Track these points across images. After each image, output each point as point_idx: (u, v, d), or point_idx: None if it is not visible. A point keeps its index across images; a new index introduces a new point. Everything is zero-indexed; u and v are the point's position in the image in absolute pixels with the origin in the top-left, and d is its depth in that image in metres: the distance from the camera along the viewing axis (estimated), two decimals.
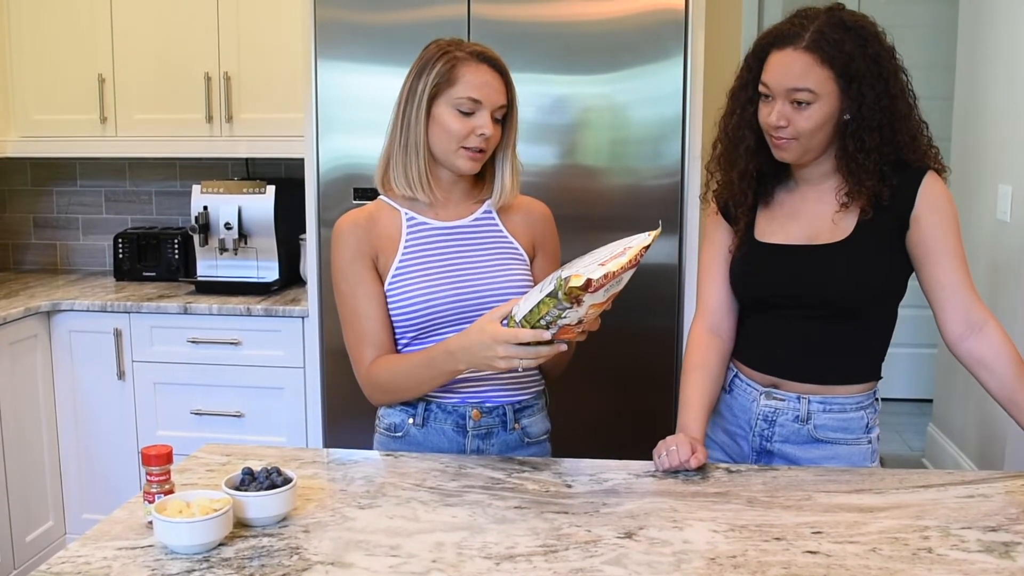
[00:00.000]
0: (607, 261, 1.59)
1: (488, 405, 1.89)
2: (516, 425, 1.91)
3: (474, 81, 1.81)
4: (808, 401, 1.86)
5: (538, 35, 2.85)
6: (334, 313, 3.06)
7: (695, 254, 2.87)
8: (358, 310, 1.88)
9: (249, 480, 1.53)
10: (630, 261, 1.59)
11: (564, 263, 1.73)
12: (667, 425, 1.94)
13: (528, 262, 1.95)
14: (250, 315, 3.24)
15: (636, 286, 1.70)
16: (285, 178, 3.66)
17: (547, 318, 1.62)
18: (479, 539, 1.47)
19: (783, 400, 1.88)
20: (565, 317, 1.61)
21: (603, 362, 2.68)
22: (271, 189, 3.44)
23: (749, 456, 1.92)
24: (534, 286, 1.82)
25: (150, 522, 1.48)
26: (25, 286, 3.64)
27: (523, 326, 1.67)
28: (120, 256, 3.73)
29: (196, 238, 3.47)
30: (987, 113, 3.72)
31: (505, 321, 1.67)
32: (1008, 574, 1.35)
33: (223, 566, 1.38)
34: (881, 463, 1.92)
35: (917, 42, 4.85)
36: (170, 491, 1.52)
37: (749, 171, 1.86)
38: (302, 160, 3.07)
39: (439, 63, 1.82)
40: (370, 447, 1.97)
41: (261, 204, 3.44)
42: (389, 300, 1.88)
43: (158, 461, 1.51)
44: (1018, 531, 1.49)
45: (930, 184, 1.78)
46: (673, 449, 1.74)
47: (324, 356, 3.09)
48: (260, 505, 1.50)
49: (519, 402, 1.92)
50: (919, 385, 5.19)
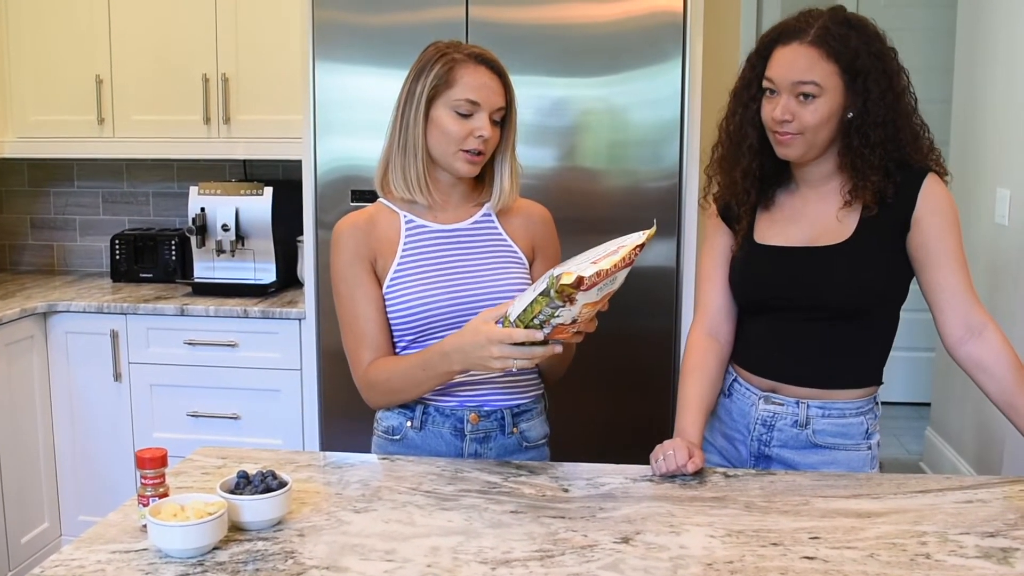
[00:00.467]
0: (600, 259, 1.58)
1: (486, 409, 1.89)
2: (514, 429, 1.91)
3: (472, 83, 1.81)
4: (807, 406, 1.85)
5: (536, 37, 2.85)
6: (331, 315, 3.07)
7: (693, 257, 2.87)
8: (356, 312, 1.88)
9: (244, 483, 1.52)
10: (623, 259, 1.59)
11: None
12: (665, 429, 1.93)
13: (527, 265, 1.95)
14: (247, 317, 3.23)
15: (634, 289, 1.69)
16: (283, 180, 3.66)
17: (540, 317, 1.61)
18: (475, 544, 1.46)
19: (782, 404, 1.87)
20: (559, 316, 1.60)
21: (600, 365, 2.67)
22: (268, 191, 3.43)
23: (747, 461, 1.92)
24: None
25: (144, 525, 1.47)
26: (22, 287, 3.64)
27: (517, 326, 1.66)
28: (117, 257, 3.72)
29: (193, 240, 3.47)
30: (986, 116, 3.72)
31: (500, 322, 1.66)
32: None
33: (217, 570, 1.37)
34: (880, 467, 1.91)
35: (916, 45, 4.85)
36: (164, 494, 1.51)
37: (752, 169, 1.85)
38: (300, 162, 3.06)
39: (437, 65, 1.82)
40: (367, 450, 1.97)
41: (258, 206, 3.43)
42: (387, 303, 1.87)
43: (152, 464, 1.50)
44: (1016, 537, 1.49)
45: (931, 186, 1.78)
46: (670, 453, 1.73)
47: (321, 358, 3.09)
48: (255, 509, 1.49)
49: (517, 406, 1.92)
50: (917, 389, 5.18)
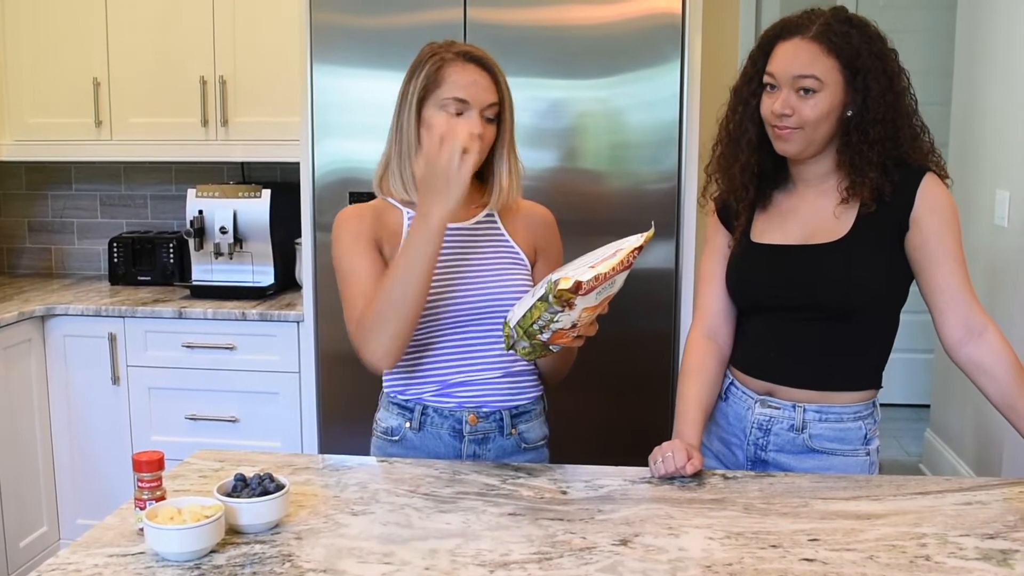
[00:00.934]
0: (597, 263, 1.58)
1: (485, 410, 1.88)
2: (513, 430, 1.90)
3: (460, 81, 1.80)
4: (804, 410, 1.84)
5: (534, 39, 2.85)
6: (329, 318, 3.08)
7: (692, 259, 2.86)
8: (355, 272, 1.81)
9: (241, 486, 1.52)
10: (621, 263, 1.58)
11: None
12: (663, 431, 1.93)
13: (529, 267, 1.94)
14: (245, 320, 3.23)
15: (633, 291, 1.69)
16: (281, 182, 3.66)
17: (540, 322, 1.61)
18: (473, 546, 1.45)
19: (778, 408, 1.86)
20: (558, 321, 1.60)
21: (600, 367, 2.67)
22: (267, 193, 3.43)
23: (744, 465, 1.91)
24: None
25: (141, 529, 1.46)
26: (19, 290, 3.63)
27: (517, 332, 1.66)
28: (115, 260, 3.72)
29: (191, 242, 3.47)
30: (985, 118, 3.72)
31: (501, 327, 1.66)
32: None
33: (214, 573, 1.37)
34: (879, 469, 1.91)
35: (915, 47, 4.84)
36: (161, 497, 1.51)
37: (750, 164, 1.85)
38: (298, 164, 3.06)
39: (427, 65, 1.82)
40: (365, 452, 1.96)
41: (256, 208, 3.43)
42: None
43: (149, 467, 1.50)
44: (1016, 538, 1.48)
45: (930, 185, 1.77)
46: (669, 455, 1.73)
47: (319, 361, 3.08)
48: (252, 512, 1.48)
49: (516, 407, 1.91)
50: (916, 390, 5.18)
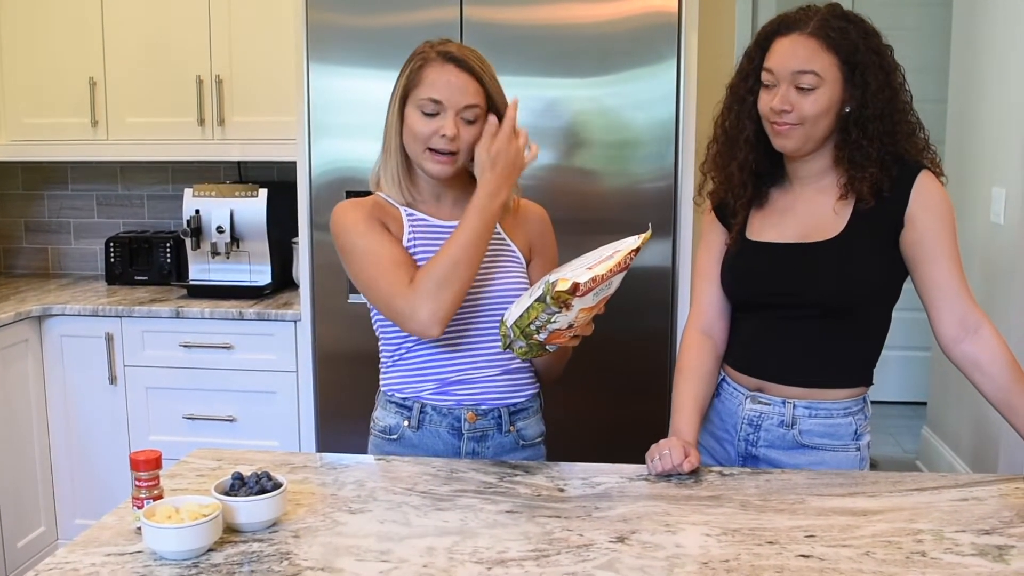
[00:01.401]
0: (595, 265, 1.58)
1: (483, 408, 1.88)
2: (511, 428, 1.91)
3: (436, 82, 1.79)
4: (793, 406, 1.84)
5: (531, 38, 2.85)
6: (327, 317, 3.08)
7: (689, 257, 2.87)
8: (379, 250, 1.80)
9: (239, 485, 1.52)
10: (618, 264, 1.59)
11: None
12: (660, 428, 1.93)
13: (525, 265, 1.94)
14: (242, 319, 3.23)
15: (630, 289, 1.70)
16: (277, 181, 3.65)
17: (537, 323, 1.61)
18: (470, 544, 1.46)
19: (768, 404, 1.87)
20: (555, 322, 1.61)
21: (596, 365, 2.67)
22: (263, 192, 3.43)
23: (735, 461, 1.91)
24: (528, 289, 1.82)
25: (139, 528, 1.47)
26: (16, 290, 3.63)
27: (514, 332, 1.66)
28: (112, 260, 3.72)
29: (188, 242, 3.47)
30: (981, 116, 3.72)
31: (498, 325, 1.66)
32: None
33: (212, 572, 1.37)
34: (875, 466, 1.91)
35: (911, 45, 4.82)
36: (159, 496, 1.51)
37: (748, 162, 1.85)
38: (294, 163, 3.06)
39: (410, 64, 1.83)
40: (363, 451, 1.96)
41: (253, 207, 3.43)
42: None
43: (147, 466, 1.50)
44: (1012, 534, 1.49)
45: (925, 182, 1.77)
46: (666, 453, 1.73)
47: (317, 360, 3.08)
48: (250, 510, 1.49)
49: (514, 405, 1.92)
50: (913, 388, 5.19)
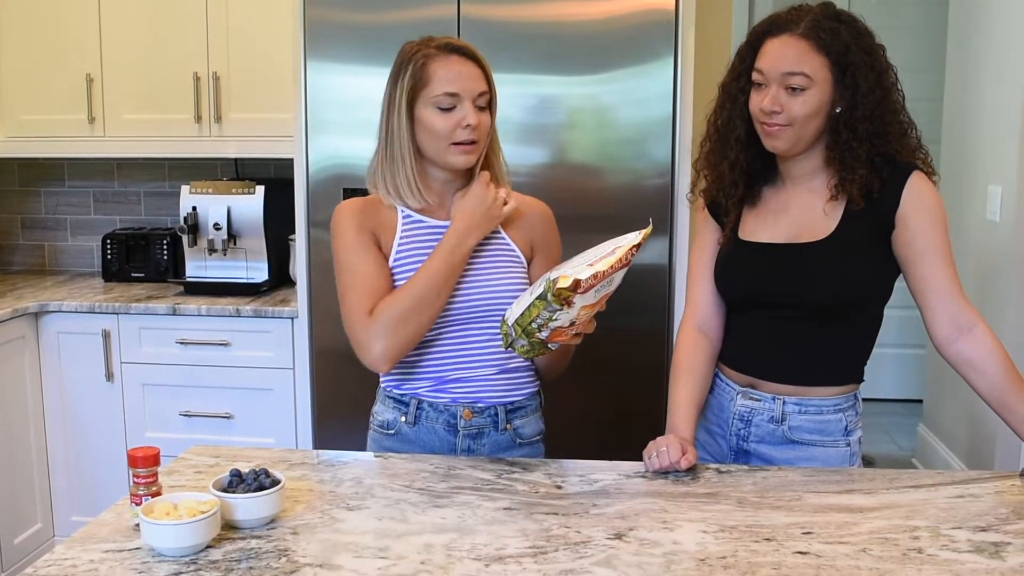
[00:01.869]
0: (596, 261, 1.58)
1: (480, 405, 1.89)
2: (508, 426, 1.91)
3: (447, 75, 1.80)
4: (783, 402, 1.85)
5: (528, 35, 2.85)
6: (323, 314, 3.07)
7: (686, 255, 2.87)
8: (358, 268, 1.83)
9: (237, 482, 1.52)
10: (620, 260, 1.59)
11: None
12: (657, 425, 1.94)
13: (525, 264, 1.93)
14: (239, 316, 3.23)
15: (627, 287, 1.70)
16: (274, 178, 3.65)
17: (538, 321, 1.61)
18: (468, 541, 1.46)
19: (759, 400, 1.87)
20: (557, 319, 1.61)
21: (593, 363, 2.67)
22: (260, 189, 3.43)
23: (727, 455, 1.92)
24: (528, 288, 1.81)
25: (137, 524, 1.47)
26: (13, 287, 3.62)
27: (516, 330, 1.66)
28: (108, 257, 3.71)
29: (185, 239, 3.46)
30: (977, 114, 3.73)
31: (498, 324, 1.66)
32: (998, 574, 1.35)
33: (210, 568, 1.37)
34: (871, 463, 1.92)
35: (907, 43, 4.86)
36: (157, 493, 1.51)
37: (739, 161, 1.86)
38: (291, 160, 3.06)
39: (410, 65, 1.81)
40: (360, 448, 1.97)
41: (250, 204, 3.43)
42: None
43: (145, 463, 1.50)
44: (1008, 531, 1.49)
45: (916, 183, 1.77)
46: (664, 450, 1.73)
47: (314, 357, 3.08)
48: (248, 507, 1.49)
49: (512, 403, 1.92)
50: (909, 385, 5.20)
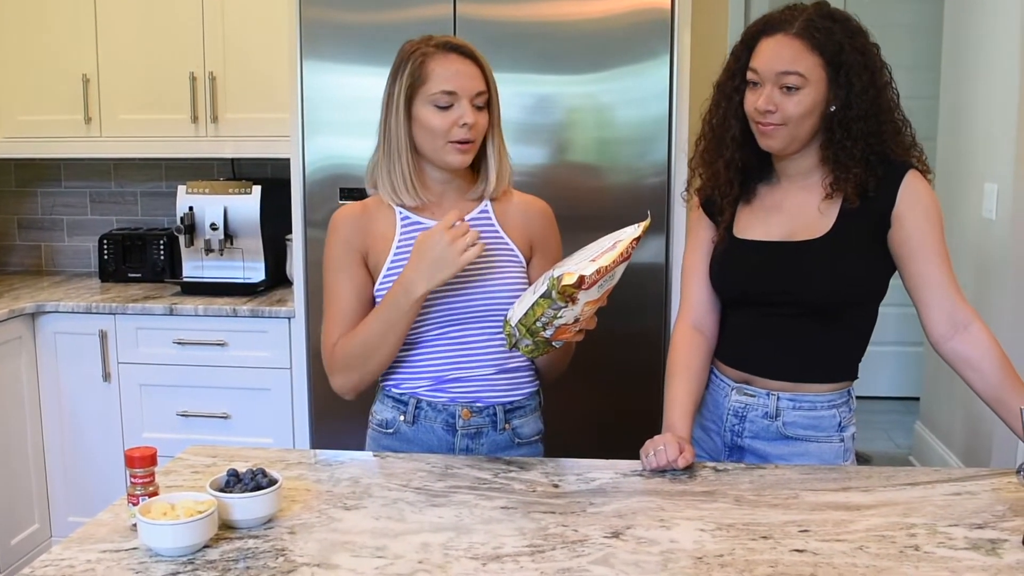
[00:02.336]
0: (598, 256, 1.59)
1: (478, 405, 1.89)
2: (506, 425, 1.91)
3: (445, 73, 1.80)
4: (777, 398, 1.86)
5: (524, 35, 2.85)
6: (320, 314, 3.05)
7: (682, 254, 2.86)
8: (336, 292, 1.90)
9: (234, 482, 1.52)
10: (621, 254, 1.59)
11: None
12: (654, 424, 1.94)
13: (524, 263, 1.93)
14: (236, 316, 3.23)
15: (623, 286, 1.70)
16: (271, 178, 3.65)
17: (543, 319, 1.61)
18: (466, 540, 1.46)
19: (753, 396, 1.88)
20: (561, 317, 1.61)
21: (590, 362, 2.67)
22: (257, 189, 3.43)
23: (722, 451, 1.93)
24: (528, 287, 1.81)
25: (134, 524, 1.47)
26: (10, 288, 3.62)
27: (520, 330, 1.66)
28: (105, 257, 3.71)
29: (182, 239, 3.46)
30: (972, 112, 3.73)
31: (495, 324, 1.66)
32: (995, 571, 1.35)
33: (208, 568, 1.37)
34: (868, 461, 1.92)
35: (902, 41, 4.87)
36: (154, 493, 1.51)
37: (734, 160, 1.86)
38: (288, 160, 3.06)
39: (409, 63, 1.82)
40: (357, 448, 1.97)
41: (247, 204, 3.43)
42: (380, 299, 1.86)
43: (142, 463, 1.50)
44: (1005, 528, 1.49)
45: (912, 181, 1.78)
46: (661, 449, 1.73)
47: (310, 357, 3.08)
48: (245, 507, 1.49)
49: (511, 402, 1.92)
50: (906, 383, 5.20)
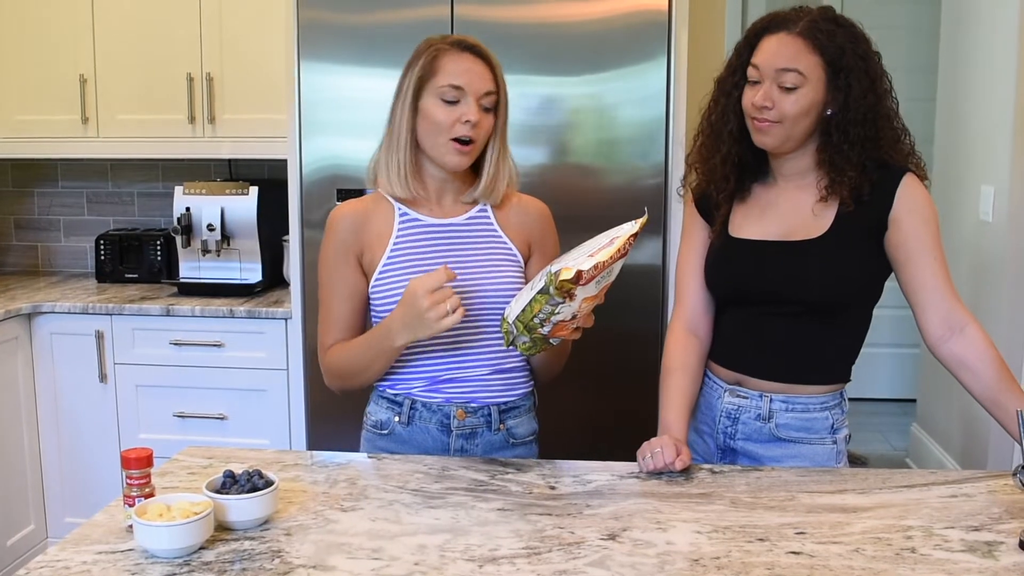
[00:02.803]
0: (596, 252, 1.58)
1: (473, 405, 1.89)
2: (501, 426, 1.91)
3: (455, 69, 1.81)
4: (770, 399, 1.86)
5: (521, 36, 2.85)
6: (317, 315, 3.06)
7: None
8: (330, 295, 1.92)
9: (231, 483, 1.52)
10: (619, 250, 1.59)
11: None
12: (650, 426, 1.94)
13: (522, 263, 1.94)
14: (233, 317, 3.22)
15: (620, 287, 1.70)
16: (268, 179, 3.65)
17: (540, 315, 1.61)
18: (462, 541, 1.46)
19: (746, 398, 1.88)
20: (559, 313, 1.61)
21: (587, 363, 2.67)
22: (254, 190, 3.42)
23: (714, 454, 1.93)
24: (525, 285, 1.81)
25: (130, 526, 1.46)
26: (6, 288, 3.61)
27: (517, 327, 1.66)
28: (102, 258, 3.70)
29: (178, 239, 3.46)
30: (969, 114, 3.74)
31: (492, 324, 1.66)
32: (991, 574, 1.35)
33: (204, 570, 1.37)
34: (864, 463, 1.92)
35: (900, 43, 4.88)
36: (150, 494, 1.50)
37: (731, 155, 1.86)
38: (285, 161, 3.05)
39: (422, 57, 1.83)
40: (354, 449, 1.97)
41: (244, 205, 3.42)
42: (376, 297, 1.87)
43: (138, 464, 1.50)
44: (1001, 530, 1.49)
45: (909, 185, 1.78)
46: (658, 451, 1.73)
47: (307, 358, 3.08)
48: (241, 508, 1.49)
49: (505, 403, 1.92)
50: (902, 385, 5.21)
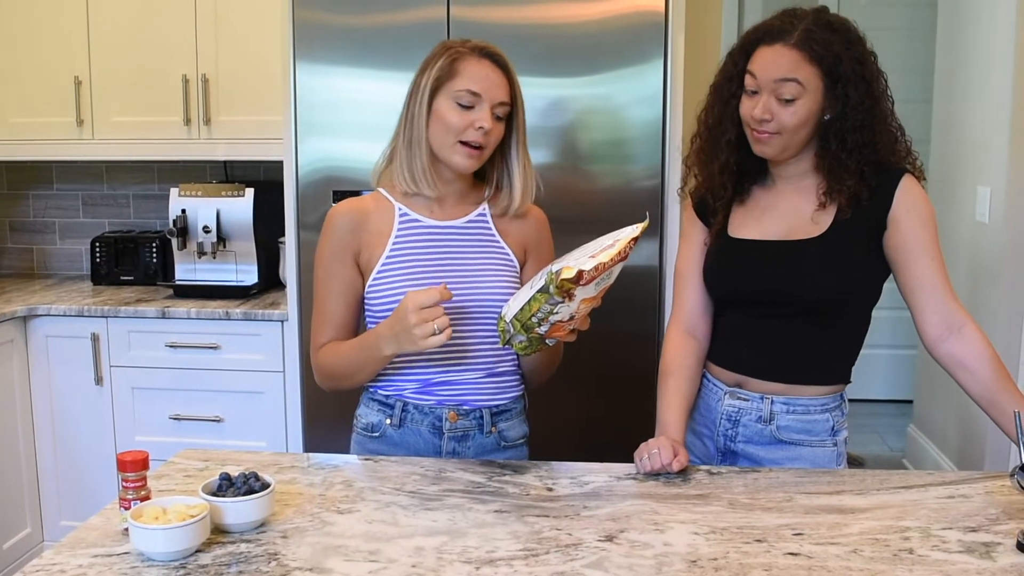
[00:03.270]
0: (597, 253, 1.59)
1: (465, 408, 1.89)
2: (493, 428, 1.91)
3: (474, 75, 1.81)
4: (771, 401, 1.86)
5: (517, 37, 2.85)
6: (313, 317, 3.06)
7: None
8: (325, 293, 1.92)
9: (227, 486, 1.51)
10: (619, 253, 1.59)
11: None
12: (648, 427, 1.94)
13: (518, 268, 1.94)
14: (229, 319, 3.22)
15: (617, 288, 1.69)
16: (264, 181, 3.64)
17: (539, 315, 1.61)
18: (459, 543, 1.46)
19: (747, 400, 1.88)
20: (557, 313, 1.60)
21: (583, 365, 2.67)
22: (250, 192, 3.42)
23: (714, 456, 1.92)
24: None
25: (126, 529, 1.46)
26: (1, 291, 3.61)
27: (514, 326, 1.66)
28: (97, 260, 3.70)
29: (174, 242, 3.45)
30: (966, 115, 3.74)
31: (487, 326, 1.66)
32: (989, 575, 1.35)
33: (200, 573, 1.36)
34: (861, 464, 1.92)
35: (896, 45, 4.88)
36: (146, 497, 1.50)
37: (729, 164, 1.86)
38: (281, 163, 3.05)
39: (441, 58, 1.84)
40: (348, 451, 1.96)
41: (240, 207, 3.42)
42: (372, 297, 1.87)
43: (134, 467, 1.49)
44: (998, 531, 1.49)
45: (908, 186, 1.79)
46: (655, 452, 1.73)
47: (303, 360, 3.07)
48: (237, 511, 1.48)
49: (497, 406, 1.92)
50: (899, 386, 5.21)
